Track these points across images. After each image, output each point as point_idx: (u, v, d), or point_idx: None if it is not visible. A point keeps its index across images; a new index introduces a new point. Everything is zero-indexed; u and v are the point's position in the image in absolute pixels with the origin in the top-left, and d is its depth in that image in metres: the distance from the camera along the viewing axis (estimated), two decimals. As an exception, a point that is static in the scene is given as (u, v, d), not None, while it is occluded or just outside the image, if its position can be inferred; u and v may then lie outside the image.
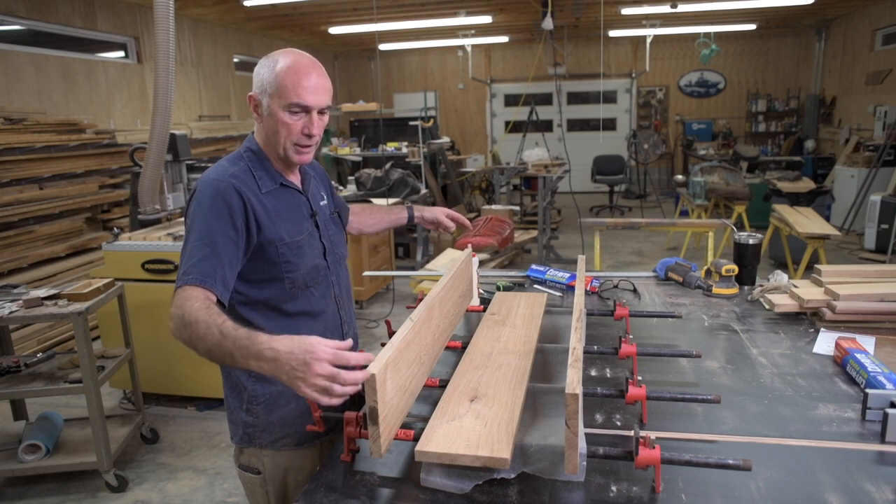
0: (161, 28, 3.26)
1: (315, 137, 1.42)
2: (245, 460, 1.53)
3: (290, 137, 1.39)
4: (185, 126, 7.44)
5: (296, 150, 1.42)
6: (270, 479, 1.51)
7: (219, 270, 1.30)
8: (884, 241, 6.40)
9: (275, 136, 1.40)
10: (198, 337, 1.18)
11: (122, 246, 3.53)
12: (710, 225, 3.53)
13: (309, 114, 1.38)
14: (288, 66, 1.35)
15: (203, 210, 1.34)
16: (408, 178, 6.34)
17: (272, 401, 1.47)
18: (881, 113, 7.83)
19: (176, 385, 3.66)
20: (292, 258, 1.43)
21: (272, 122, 1.39)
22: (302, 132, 1.39)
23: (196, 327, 1.18)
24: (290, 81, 1.34)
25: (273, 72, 1.36)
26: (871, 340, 1.77)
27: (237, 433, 1.52)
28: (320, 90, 1.38)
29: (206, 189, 1.37)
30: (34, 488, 2.95)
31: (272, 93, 1.36)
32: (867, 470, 1.18)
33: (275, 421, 1.48)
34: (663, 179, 11.83)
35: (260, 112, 1.41)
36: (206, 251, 1.30)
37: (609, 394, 1.37)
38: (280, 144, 1.41)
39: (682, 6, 7.84)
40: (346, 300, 1.62)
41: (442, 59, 12.56)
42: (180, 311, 1.22)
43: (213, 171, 1.41)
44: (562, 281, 2.35)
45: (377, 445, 1.12)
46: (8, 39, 5.50)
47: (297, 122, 1.38)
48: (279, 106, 1.36)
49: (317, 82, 1.37)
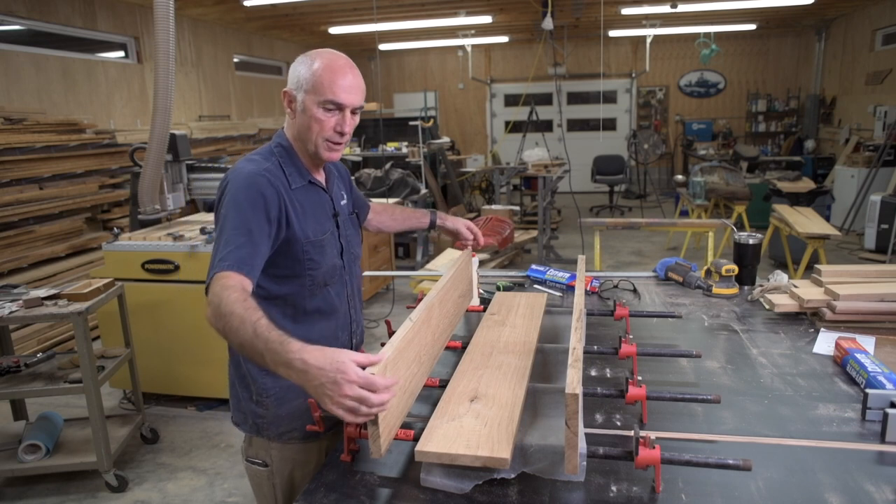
0: (161, 28, 3.26)
1: (346, 136, 1.44)
2: (253, 453, 1.54)
3: (323, 134, 1.41)
4: (185, 126, 7.44)
5: (327, 146, 1.44)
6: (278, 473, 1.53)
7: (256, 260, 1.31)
8: (884, 241, 6.40)
9: (307, 132, 1.42)
10: (231, 330, 1.17)
11: (122, 246, 3.53)
12: (710, 225, 3.53)
13: (342, 112, 1.41)
14: (325, 65, 1.38)
15: (239, 201, 1.35)
16: (408, 178, 6.34)
17: (282, 395, 1.48)
18: (881, 113, 7.83)
19: (176, 385, 3.66)
20: (315, 256, 1.46)
21: (305, 118, 1.41)
22: (334, 129, 1.41)
23: (230, 320, 1.17)
24: (327, 79, 1.37)
25: (310, 69, 1.38)
26: (871, 340, 1.77)
27: (246, 423, 1.53)
28: (355, 89, 1.41)
29: (240, 181, 1.37)
30: (34, 488, 2.95)
31: (308, 89, 1.39)
32: (867, 470, 1.18)
33: (283, 414, 1.49)
34: (663, 179, 11.83)
35: (294, 108, 1.43)
36: (243, 240, 1.30)
37: (609, 394, 1.37)
38: (312, 141, 1.43)
39: (682, 6, 7.84)
40: (357, 300, 1.64)
41: (442, 59, 12.56)
42: (217, 300, 1.21)
43: (247, 165, 1.42)
44: (562, 281, 2.35)
45: (377, 445, 1.12)
46: (8, 39, 5.50)
47: (330, 119, 1.40)
48: (314, 102, 1.39)
49: (352, 81, 1.40)
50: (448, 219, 1.95)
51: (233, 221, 1.33)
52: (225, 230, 1.33)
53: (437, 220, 1.94)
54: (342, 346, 1.57)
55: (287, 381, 1.43)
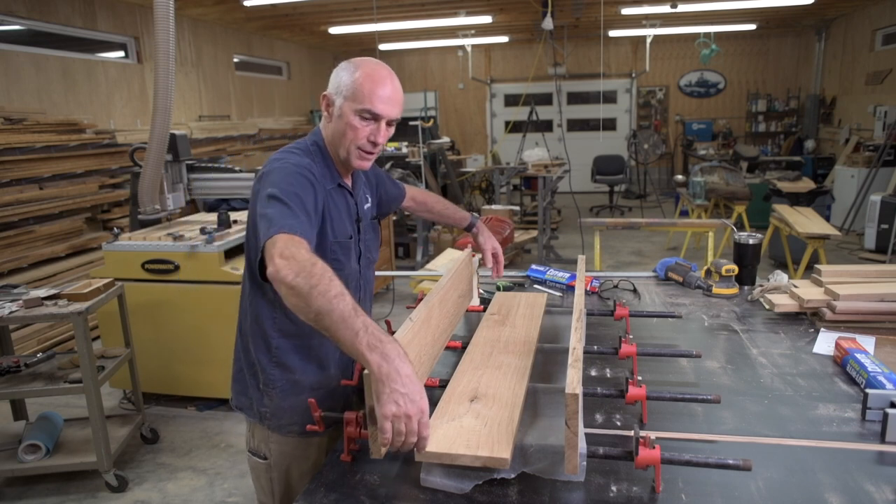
0: (161, 28, 3.26)
1: (379, 147, 1.45)
2: (255, 444, 1.56)
3: (356, 142, 1.43)
4: (185, 126, 7.44)
5: (359, 154, 1.45)
6: (275, 467, 1.54)
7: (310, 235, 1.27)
8: (884, 241, 6.40)
9: (341, 137, 1.43)
10: (322, 291, 1.09)
11: (122, 246, 3.53)
12: (710, 225, 3.53)
13: (378, 122, 1.42)
14: (367, 74, 1.40)
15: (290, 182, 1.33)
16: (408, 179, 6.34)
17: (287, 388, 1.49)
18: (881, 113, 7.82)
19: (176, 385, 3.66)
20: (341, 257, 1.48)
21: (341, 124, 1.42)
22: (368, 139, 1.43)
23: (325, 281, 1.10)
24: (367, 88, 1.38)
25: (352, 76, 1.40)
26: (871, 340, 1.77)
27: (251, 409, 1.54)
28: (394, 101, 1.43)
29: (290, 167, 1.37)
30: (34, 488, 2.95)
31: (347, 95, 1.40)
32: (867, 470, 1.18)
33: (286, 407, 1.50)
34: (663, 179, 11.83)
35: (331, 112, 1.45)
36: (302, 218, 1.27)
37: (609, 394, 1.37)
38: (344, 147, 1.44)
39: (682, 6, 7.84)
40: (368, 303, 1.65)
41: (442, 59, 12.56)
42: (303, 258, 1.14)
43: (290, 156, 1.42)
44: (562, 281, 2.35)
45: (377, 445, 1.12)
46: (8, 39, 5.50)
47: (365, 128, 1.41)
48: (351, 109, 1.40)
49: (392, 93, 1.42)
50: (483, 232, 1.98)
51: (286, 197, 1.29)
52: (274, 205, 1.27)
53: (475, 229, 1.96)
54: None
55: (294, 375, 1.47)
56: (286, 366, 1.48)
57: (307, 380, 1.50)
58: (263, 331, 1.47)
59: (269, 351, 1.48)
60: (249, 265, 1.47)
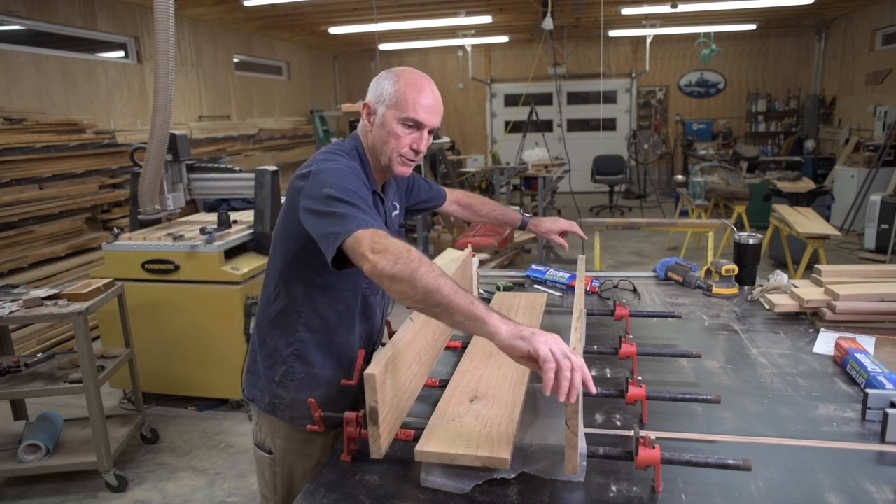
0: (161, 28, 3.26)
1: (420, 154, 1.47)
2: (261, 438, 1.58)
3: (399, 149, 1.45)
4: (185, 126, 7.44)
5: (401, 161, 1.47)
6: (280, 462, 1.56)
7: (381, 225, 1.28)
8: (884, 241, 6.40)
9: (384, 145, 1.45)
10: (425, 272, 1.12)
11: (122, 246, 3.53)
12: (710, 225, 3.53)
13: (420, 130, 1.44)
14: (410, 83, 1.42)
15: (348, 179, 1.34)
16: (408, 178, 6.33)
17: (306, 381, 1.51)
18: (881, 113, 7.82)
19: (176, 385, 3.66)
20: None
21: (383, 132, 1.44)
22: (410, 146, 1.45)
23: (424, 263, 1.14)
24: (411, 97, 1.41)
25: (395, 84, 1.42)
26: (871, 340, 1.77)
27: (263, 399, 1.55)
28: (435, 111, 1.45)
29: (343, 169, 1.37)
30: (34, 488, 2.95)
31: (390, 104, 1.42)
32: (867, 470, 1.18)
33: (302, 400, 1.49)
34: (663, 179, 11.82)
35: (372, 120, 1.47)
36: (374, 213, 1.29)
37: (609, 394, 1.37)
38: (387, 154, 1.46)
39: (682, 6, 7.84)
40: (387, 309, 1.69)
41: (442, 59, 12.56)
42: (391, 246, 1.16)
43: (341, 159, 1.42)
44: (562, 281, 2.35)
45: (377, 445, 1.12)
46: (8, 39, 5.50)
47: (407, 136, 1.44)
48: (394, 118, 1.42)
49: (433, 103, 1.44)
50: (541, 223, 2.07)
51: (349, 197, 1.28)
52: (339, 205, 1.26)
53: (530, 225, 2.05)
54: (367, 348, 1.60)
55: (313, 369, 1.50)
56: (307, 359, 1.50)
57: (325, 374, 1.52)
58: (289, 323, 1.50)
59: (291, 344, 1.50)
60: (284, 259, 1.47)
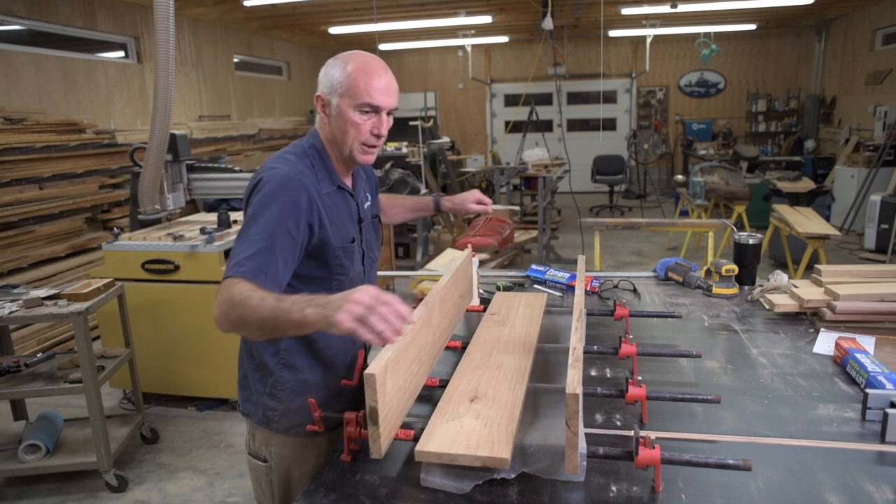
0: (161, 28, 3.26)
1: (382, 138, 1.44)
2: (255, 447, 1.55)
3: (359, 137, 1.41)
4: (185, 126, 7.44)
5: (362, 149, 1.43)
6: (276, 469, 1.54)
7: (271, 266, 1.29)
8: (884, 241, 6.40)
9: (343, 135, 1.42)
10: (250, 309, 1.18)
11: (122, 246, 3.53)
12: (710, 225, 3.53)
13: (378, 114, 1.41)
14: (359, 67, 1.38)
15: (269, 203, 1.33)
16: (408, 178, 6.34)
17: (297, 389, 1.49)
18: (881, 113, 7.82)
19: (176, 385, 3.66)
20: (345, 261, 1.47)
21: (341, 122, 1.41)
22: (371, 132, 1.41)
23: (248, 301, 1.18)
24: (362, 81, 1.37)
25: (344, 72, 1.38)
26: (871, 340, 1.77)
27: (256, 414, 1.53)
28: (390, 91, 1.41)
29: (276, 182, 1.35)
30: (34, 488, 2.95)
31: (343, 92, 1.38)
32: (867, 470, 1.18)
33: (296, 408, 1.49)
34: (663, 179, 11.82)
35: (328, 112, 1.43)
36: (263, 245, 1.29)
37: (609, 394, 1.37)
38: (348, 144, 1.42)
39: (682, 6, 7.84)
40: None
41: (442, 59, 12.56)
42: (227, 295, 1.22)
43: (282, 165, 1.40)
44: (562, 281, 2.35)
45: (377, 445, 1.12)
46: (8, 39, 5.50)
47: (366, 122, 1.40)
48: (349, 105, 1.38)
49: (387, 83, 1.41)
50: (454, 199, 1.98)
51: (259, 225, 1.31)
52: (249, 231, 1.31)
53: (442, 203, 1.97)
54: (358, 350, 1.58)
55: (302, 375, 1.48)
56: (295, 366, 1.48)
57: (314, 379, 1.50)
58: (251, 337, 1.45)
59: (277, 353, 1.48)
60: None
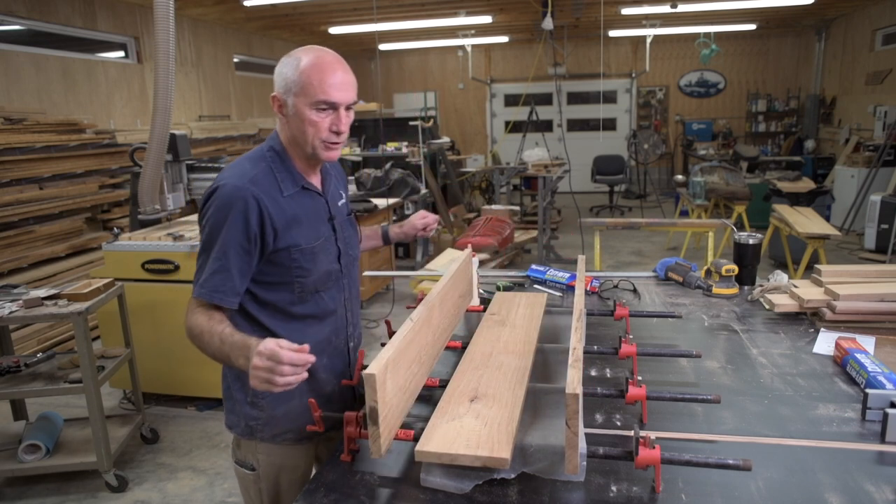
0: (161, 28, 3.26)
1: (343, 134, 1.40)
2: (241, 455, 1.54)
3: (319, 136, 1.38)
4: (185, 126, 7.44)
5: (325, 147, 1.40)
6: (264, 477, 1.52)
7: (228, 283, 1.35)
8: (884, 241, 6.40)
9: (302, 135, 1.38)
10: (204, 344, 1.32)
11: (122, 246, 3.53)
12: (710, 225, 3.53)
13: (336, 110, 1.37)
14: (312, 64, 1.34)
15: (219, 219, 1.34)
16: (408, 178, 6.34)
17: (277, 396, 1.46)
18: (881, 113, 7.82)
19: (176, 385, 3.66)
20: (305, 264, 1.43)
21: (299, 122, 1.37)
22: (330, 129, 1.38)
23: (202, 337, 1.32)
24: (316, 79, 1.33)
25: (297, 70, 1.34)
26: (871, 340, 1.77)
27: (239, 425, 1.51)
28: (346, 86, 1.37)
29: (224, 197, 1.35)
30: (34, 488, 2.95)
31: (297, 91, 1.35)
32: (867, 470, 1.18)
33: (279, 415, 1.48)
34: (663, 179, 11.82)
35: (285, 112, 1.39)
36: (219, 265, 1.35)
37: (609, 394, 1.37)
38: (309, 143, 1.39)
39: (682, 6, 7.84)
40: (355, 302, 1.62)
41: (442, 59, 12.56)
42: (189, 324, 1.35)
43: (234, 175, 1.38)
44: (562, 281, 2.35)
45: (377, 445, 1.12)
46: (8, 39, 5.50)
47: (324, 120, 1.36)
48: (306, 104, 1.35)
49: (342, 78, 1.36)
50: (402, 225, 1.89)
51: (212, 242, 1.36)
52: (203, 248, 1.39)
53: (391, 232, 1.89)
54: (337, 349, 1.55)
55: None
56: None
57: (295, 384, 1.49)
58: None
59: None
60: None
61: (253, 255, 1.37)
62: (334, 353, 1.54)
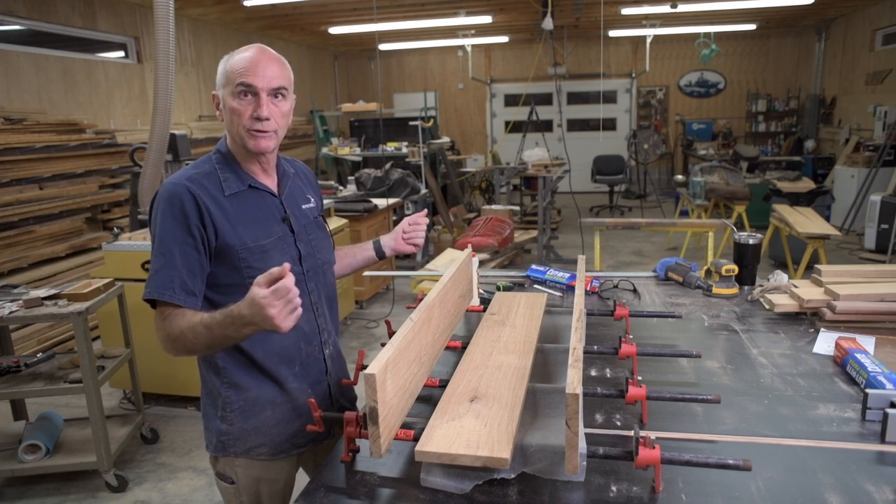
0: (161, 28, 3.25)
1: (270, 122, 1.36)
2: (220, 468, 1.51)
3: (242, 123, 1.35)
4: (185, 126, 7.44)
5: (250, 135, 1.36)
6: (244, 490, 1.49)
7: (175, 280, 1.32)
8: (884, 241, 6.40)
9: (230, 126, 1.38)
10: (191, 342, 1.28)
11: (122, 246, 3.53)
12: (710, 225, 3.53)
13: (257, 96, 1.34)
14: (238, 56, 1.36)
15: (159, 217, 1.35)
16: (408, 178, 6.34)
17: (247, 408, 1.44)
18: (881, 113, 7.83)
19: (176, 385, 3.66)
20: (255, 263, 1.38)
21: (226, 114, 1.37)
22: (251, 116, 1.34)
23: (185, 336, 1.27)
24: (236, 67, 1.34)
25: (224, 64, 1.37)
26: (871, 340, 1.77)
27: (212, 441, 1.49)
28: (268, 71, 1.34)
29: (162, 195, 1.36)
30: (34, 488, 2.95)
31: (223, 83, 1.36)
32: (867, 470, 1.18)
33: (249, 429, 1.45)
34: (663, 179, 11.83)
35: (220, 109, 1.40)
36: (163, 262, 1.33)
37: (609, 394, 1.37)
38: (238, 134, 1.37)
39: (682, 6, 7.84)
40: (326, 308, 1.56)
41: (442, 59, 12.56)
42: (163, 333, 1.32)
43: (174, 176, 1.40)
44: (562, 281, 2.35)
45: (377, 445, 1.12)
46: (8, 39, 5.50)
47: (246, 107, 1.34)
48: (229, 93, 1.35)
49: (265, 65, 1.34)
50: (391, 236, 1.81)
51: (156, 241, 1.36)
52: (153, 249, 1.38)
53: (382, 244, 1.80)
54: (311, 356, 1.51)
55: (249, 393, 1.44)
56: (239, 385, 1.44)
57: (265, 396, 1.45)
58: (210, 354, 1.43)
59: (218, 374, 1.45)
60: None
61: (200, 251, 1.35)
62: (308, 361, 1.50)
